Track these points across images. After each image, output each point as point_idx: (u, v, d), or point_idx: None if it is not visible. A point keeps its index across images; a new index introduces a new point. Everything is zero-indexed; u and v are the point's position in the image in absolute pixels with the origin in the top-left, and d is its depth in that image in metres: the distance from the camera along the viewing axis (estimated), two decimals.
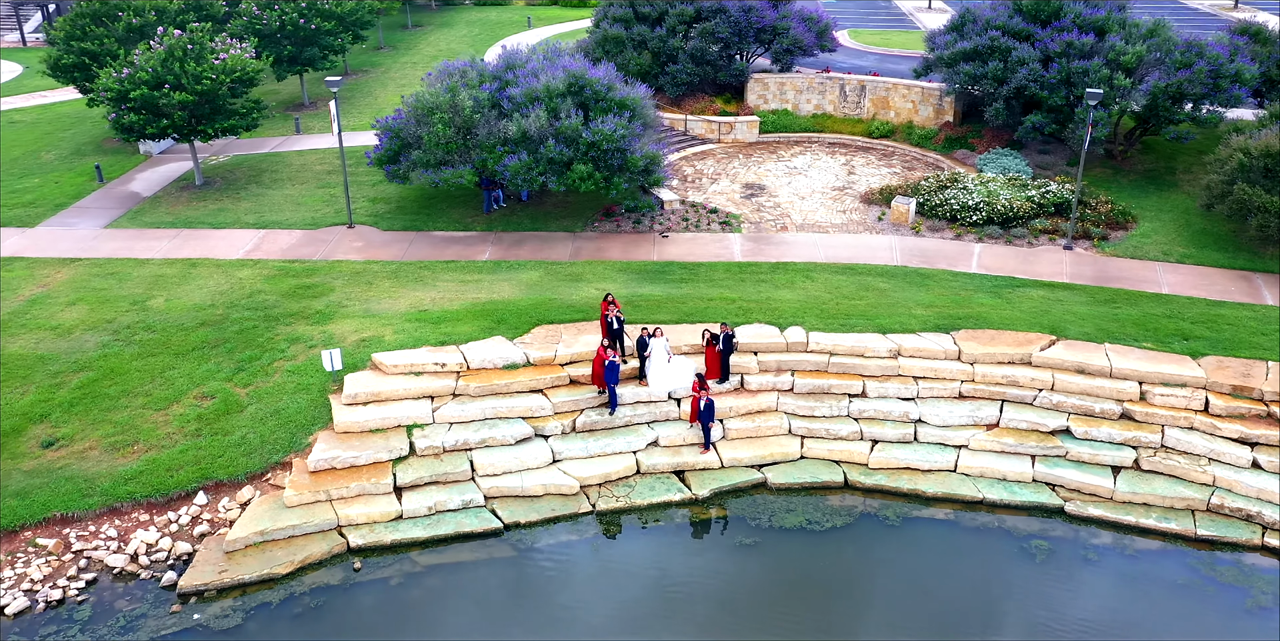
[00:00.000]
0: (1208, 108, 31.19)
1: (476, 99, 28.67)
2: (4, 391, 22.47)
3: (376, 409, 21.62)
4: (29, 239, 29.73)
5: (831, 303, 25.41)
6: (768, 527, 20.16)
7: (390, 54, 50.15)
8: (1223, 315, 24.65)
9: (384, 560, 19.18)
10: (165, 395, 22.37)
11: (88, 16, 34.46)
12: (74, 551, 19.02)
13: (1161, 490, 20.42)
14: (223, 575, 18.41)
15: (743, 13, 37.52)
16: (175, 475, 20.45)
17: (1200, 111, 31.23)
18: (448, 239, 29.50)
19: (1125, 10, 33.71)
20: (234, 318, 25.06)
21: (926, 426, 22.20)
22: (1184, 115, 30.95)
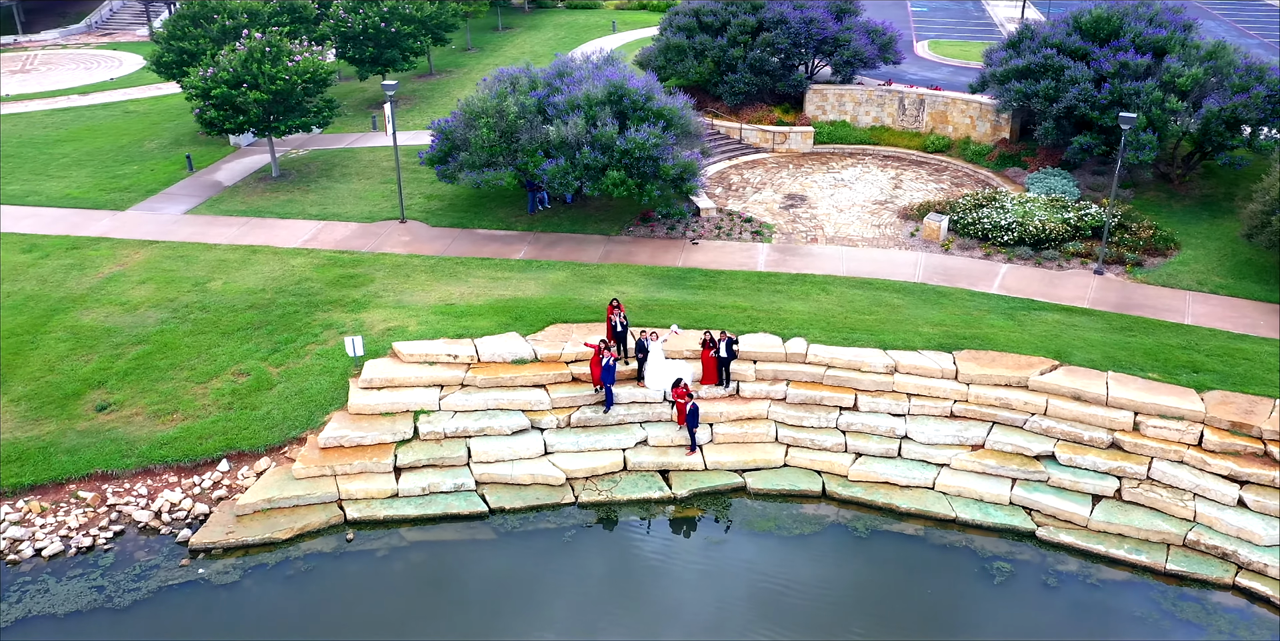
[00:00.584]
0: (1266, 133, 30.19)
1: (522, 105, 30.13)
2: (72, 359, 25.09)
3: (389, 394, 23.30)
4: (118, 221, 32.69)
5: (841, 316, 25.89)
6: (737, 530, 20.98)
7: (475, 55, 52.29)
8: (1242, 349, 24.08)
9: (375, 533, 20.81)
10: (207, 370, 24.59)
11: (187, 18, 37.48)
12: (108, 505, 21.28)
13: (1138, 522, 20.32)
14: (229, 536, 20.35)
15: (804, 24, 37.97)
16: (204, 443, 22.57)
17: (1258, 137, 30.25)
18: (489, 237, 31.10)
19: (1191, 30, 32.81)
20: (279, 302, 27.20)
21: (912, 443, 22.55)
22: (1239, 141, 30.03)
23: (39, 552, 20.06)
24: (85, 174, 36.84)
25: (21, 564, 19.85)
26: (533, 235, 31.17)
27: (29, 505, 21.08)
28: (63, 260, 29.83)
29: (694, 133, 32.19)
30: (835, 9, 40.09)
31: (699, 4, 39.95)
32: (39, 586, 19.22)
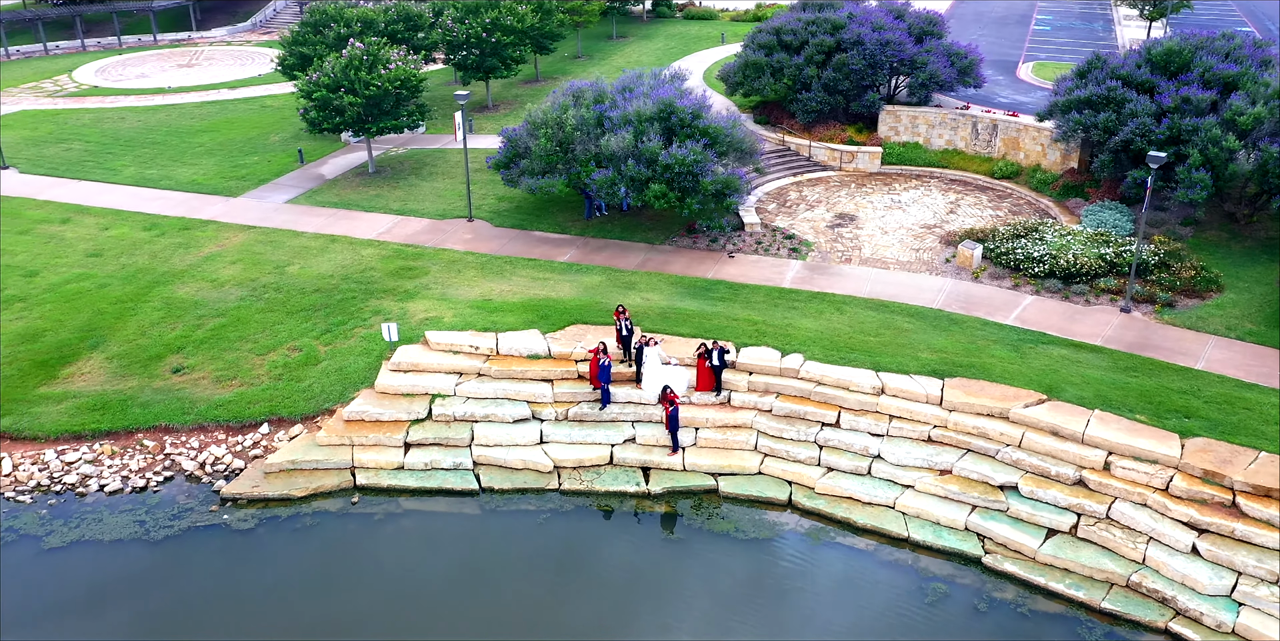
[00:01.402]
0: None
1: (581, 118, 32.28)
2: (161, 326, 28.92)
3: (413, 377, 25.92)
4: (228, 207, 36.82)
5: (846, 336, 26.84)
6: (696, 529, 22.49)
7: (584, 63, 54.88)
8: (1246, 398, 23.69)
9: (377, 499, 23.43)
10: (268, 344, 27.89)
11: (309, 25, 41.48)
12: (165, 453, 24.74)
13: (1085, 559, 20.65)
14: (254, 489, 23.40)
15: (880, 46, 38.55)
16: (252, 408, 25.79)
17: None
18: (542, 239, 33.43)
19: (1270, 66, 31.70)
20: (342, 288, 30.34)
21: (882, 463, 23.44)
22: None
23: (102, 488, 23.66)
24: (213, 162, 41.40)
25: (87, 496, 23.49)
26: (583, 240, 33.31)
27: (102, 448, 24.79)
28: (174, 239, 34.03)
29: (747, 150, 33.54)
30: (917, 31, 40.46)
31: (782, 22, 41.11)
32: (95, 516, 22.76)
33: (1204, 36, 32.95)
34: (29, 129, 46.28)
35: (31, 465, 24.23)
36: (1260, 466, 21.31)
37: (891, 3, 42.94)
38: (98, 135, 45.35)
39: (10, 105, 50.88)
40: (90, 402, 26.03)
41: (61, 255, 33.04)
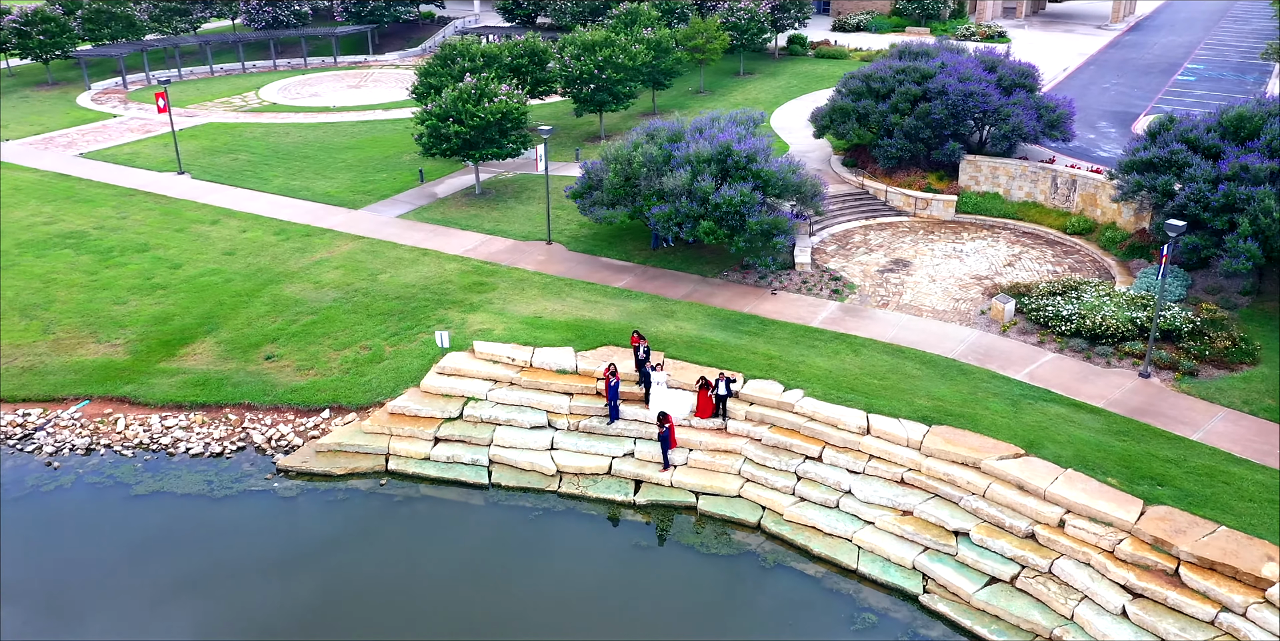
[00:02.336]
0: None
1: (650, 155, 35.02)
2: (265, 319, 33.67)
3: (454, 380, 29.33)
4: (348, 217, 41.74)
5: (851, 377, 28.29)
6: (667, 540, 24.66)
7: (703, 98, 57.61)
8: (1230, 472, 23.65)
9: (401, 484, 26.88)
10: (345, 341, 32.07)
11: (440, 58, 46.21)
12: (243, 427, 29.15)
13: (1016, 609, 21.49)
14: (303, 464, 27.35)
15: (963, 97, 39.35)
16: (320, 395, 29.91)
17: None
18: (606, 265, 36.33)
19: None
20: (419, 297, 34.27)
21: (851, 498, 24.86)
22: None
23: (187, 451, 28.25)
24: (348, 177, 46.75)
25: (175, 456, 28.12)
26: (642, 268, 35.98)
27: (195, 417, 29.48)
28: (295, 244, 39.11)
29: (807, 193, 35.36)
30: (1008, 83, 40.91)
31: (874, 70, 42.47)
32: (176, 473, 27.31)
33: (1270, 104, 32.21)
34: (209, 139, 53.41)
35: (139, 426, 29.17)
36: (1213, 540, 21.48)
37: (991, 53, 43.49)
38: (262, 147, 51.87)
39: (202, 117, 58.62)
40: (195, 379, 30.90)
41: (203, 252, 38.69)
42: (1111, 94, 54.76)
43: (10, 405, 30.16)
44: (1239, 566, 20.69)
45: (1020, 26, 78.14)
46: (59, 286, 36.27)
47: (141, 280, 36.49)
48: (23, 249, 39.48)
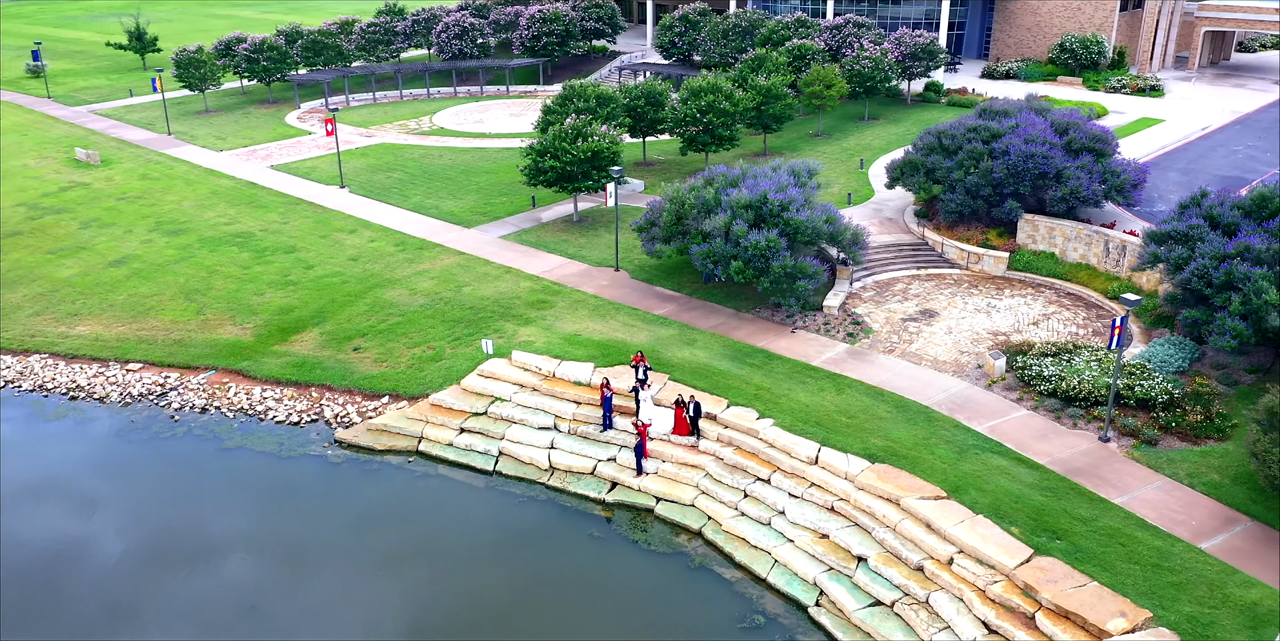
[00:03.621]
0: None
1: (701, 198, 38.97)
2: (362, 317, 40.21)
3: (488, 382, 34.52)
4: (459, 235, 48.08)
5: (824, 413, 31.17)
6: (614, 533, 28.67)
7: (818, 141, 60.53)
8: (1132, 536, 25.02)
9: (423, 462, 32.30)
10: (416, 341, 38.03)
11: (561, 97, 51.97)
12: (320, 403, 35.56)
13: (885, 629, 24.03)
14: (355, 438, 33.30)
15: (1024, 158, 40.76)
16: (384, 384, 35.92)
17: None
18: (657, 293, 40.53)
19: None
20: (488, 309, 39.80)
21: (782, 518, 27.92)
22: None
23: (273, 418, 34.92)
24: (473, 199, 53.34)
25: (264, 422, 34.84)
26: (686, 299, 39.94)
27: (286, 392, 36.20)
28: (408, 255, 45.78)
29: (844, 241, 38.19)
30: (1078, 146, 41.82)
31: (947, 127, 44.40)
32: (258, 434, 33.98)
33: None
34: (376, 158, 61.81)
35: (244, 395, 36.21)
36: (1078, 592, 23.20)
37: (1073, 116, 44.31)
38: (415, 168, 59.58)
39: (379, 137, 67.47)
40: (295, 361, 37.75)
41: (334, 256, 46.07)
42: (1238, 158, 53.29)
43: (158, 368, 38.10)
44: (1089, 617, 22.40)
45: (1186, 79, 75.50)
46: (218, 277, 44.55)
47: (280, 277, 44.17)
48: (202, 244, 48.37)
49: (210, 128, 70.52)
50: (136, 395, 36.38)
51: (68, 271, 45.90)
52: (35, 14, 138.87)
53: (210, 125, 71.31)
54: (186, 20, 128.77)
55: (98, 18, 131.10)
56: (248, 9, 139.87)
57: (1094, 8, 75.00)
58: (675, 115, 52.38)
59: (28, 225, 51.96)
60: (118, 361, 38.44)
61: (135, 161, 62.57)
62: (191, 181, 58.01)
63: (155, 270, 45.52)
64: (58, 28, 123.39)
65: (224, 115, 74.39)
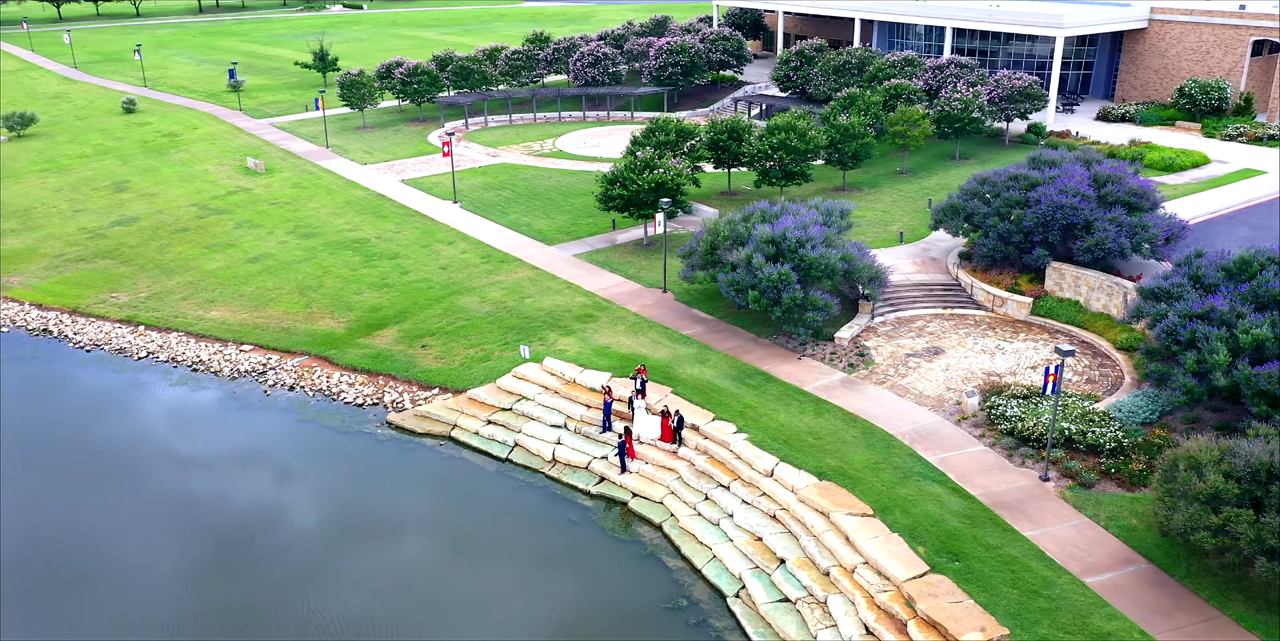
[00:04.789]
0: None
1: (736, 231, 42.83)
2: (434, 318, 46.34)
3: (518, 383, 39.72)
4: (538, 251, 53.65)
5: (794, 432, 34.52)
6: (591, 521, 33.07)
7: (900, 179, 62.72)
8: (1026, 565, 27.34)
9: (451, 447, 37.80)
10: (473, 343, 43.75)
11: (649, 129, 56.76)
12: (383, 390, 41.76)
13: (782, 622, 27.48)
14: (401, 422, 39.24)
15: (1053, 208, 42.38)
16: (437, 378, 41.79)
17: None
18: (691, 315, 44.64)
19: None
20: (540, 319, 45.07)
21: (730, 520, 31.59)
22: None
23: (343, 399, 41.37)
24: (564, 219, 58.92)
25: (336, 401, 41.36)
26: (715, 322, 43.85)
27: (358, 378, 42.66)
28: (489, 267, 51.75)
29: (860, 278, 41.18)
30: (1113, 199, 42.94)
31: (989, 175, 46.31)
32: (328, 412, 40.47)
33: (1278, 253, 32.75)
34: (492, 177, 68.63)
35: (325, 378, 42.95)
36: (953, 607, 25.89)
37: (1117, 169, 45.25)
38: (524, 187, 65.90)
39: (503, 158, 74.44)
40: (372, 353, 44.25)
41: (428, 264, 52.65)
42: None
43: (264, 351, 45.50)
44: (950, 629, 25.11)
45: None
46: (330, 276, 51.97)
47: (378, 279, 51.11)
48: (325, 247, 56.15)
49: (362, 142, 79.68)
50: (242, 371, 43.83)
51: (215, 264, 54.62)
52: (250, 32, 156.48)
53: (363, 140, 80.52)
54: (374, 40, 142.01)
55: (301, 36, 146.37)
56: (430, 31, 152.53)
57: (1223, 52, 73.24)
58: (751, 150, 56.27)
59: (195, 222, 61.55)
60: (235, 342, 46.20)
61: (292, 171, 72.04)
62: (332, 191, 66.58)
63: (282, 267, 53.53)
64: (265, 45, 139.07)
65: (378, 131, 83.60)
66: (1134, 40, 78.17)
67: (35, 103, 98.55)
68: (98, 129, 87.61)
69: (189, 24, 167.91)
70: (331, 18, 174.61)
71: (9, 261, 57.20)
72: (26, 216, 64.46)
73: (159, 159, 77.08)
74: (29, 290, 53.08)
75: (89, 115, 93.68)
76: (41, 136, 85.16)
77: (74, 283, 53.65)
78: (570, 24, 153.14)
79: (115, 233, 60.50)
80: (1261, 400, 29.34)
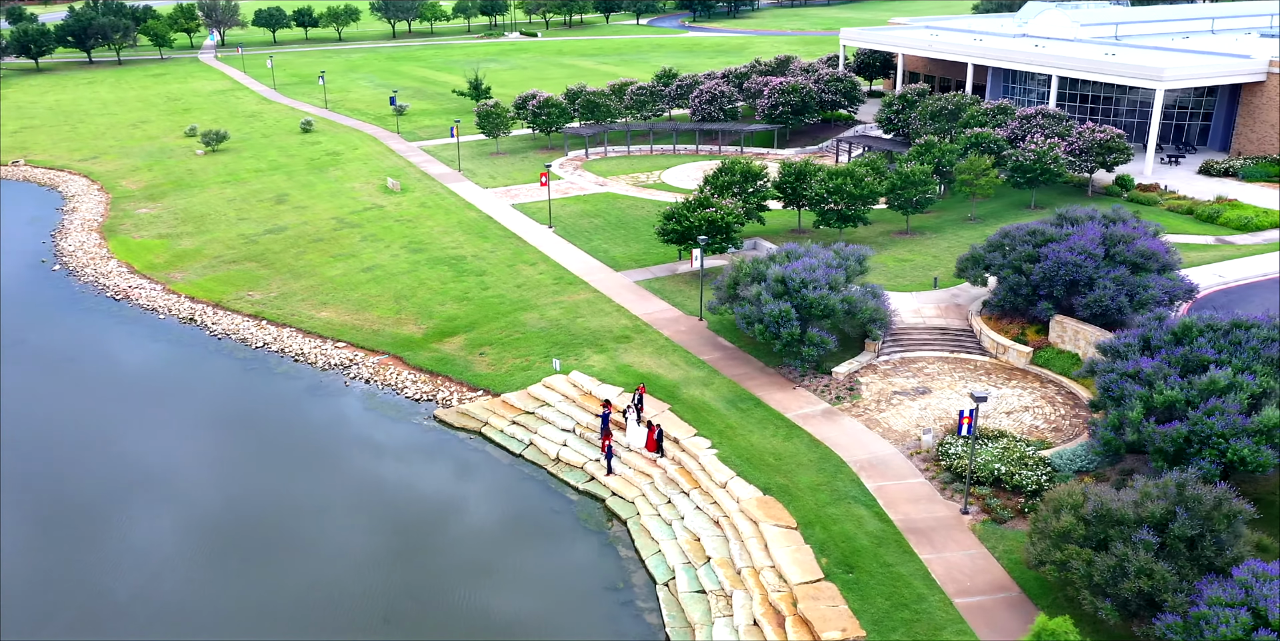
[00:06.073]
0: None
1: (756, 270, 47.42)
2: (496, 330, 53.15)
3: (543, 391, 45.85)
4: (605, 276, 59.65)
5: (760, 452, 38.91)
6: (570, 513, 38.61)
7: (964, 226, 64.93)
8: (910, 584, 30.93)
9: (477, 441, 44.28)
10: (521, 354, 50.24)
11: (720, 170, 61.89)
12: (438, 388, 48.82)
13: (691, 608, 32.27)
14: (444, 416, 46.13)
15: (1058, 265, 44.68)
16: (484, 381, 48.50)
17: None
18: (715, 342, 49.44)
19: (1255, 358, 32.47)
20: (582, 337, 51.05)
21: (681, 522, 36.42)
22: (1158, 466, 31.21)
23: (405, 394, 48.70)
24: (638, 247, 64.76)
25: (399, 396, 48.75)
26: (734, 350, 48.50)
27: (421, 377, 49.94)
28: (557, 288, 58.20)
29: (862, 319, 44.92)
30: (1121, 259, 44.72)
31: (1011, 229, 48.78)
32: (390, 404, 47.89)
33: (1221, 321, 34.36)
34: (591, 205, 75.37)
35: (394, 375, 50.51)
36: (827, 610, 29.94)
37: (1135, 230, 46.76)
38: (615, 216, 72.25)
39: (610, 187, 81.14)
40: (438, 356, 51.54)
41: (506, 282, 59.70)
42: None
43: (353, 348, 53.67)
44: (816, 627, 29.20)
45: None
46: (423, 288, 59.93)
47: (461, 293, 58.61)
48: (428, 262, 64.34)
49: (490, 167, 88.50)
50: (331, 365, 52.11)
51: (334, 271, 63.81)
52: (430, 57, 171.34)
53: (492, 165, 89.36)
54: (535, 68, 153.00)
55: (474, 63, 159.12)
56: (589, 60, 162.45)
57: None
58: (812, 192, 60.43)
59: (329, 234, 71.41)
60: (332, 339, 54.68)
61: (423, 191, 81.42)
62: (450, 211, 75.23)
63: (388, 277, 62.04)
64: (437, 71, 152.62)
65: (508, 157, 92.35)
66: (1252, 93, 76.67)
67: (233, 121, 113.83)
68: (276, 146, 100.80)
69: (380, 49, 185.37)
70: (505, 45, 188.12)
71: (180, 259, 68.63)
72: (201, 222, 76.46)
73: (318, 175, 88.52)
74: (187, 285, 63.89)
75: (273, 134, 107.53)
76: (230, 151, 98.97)
77: (222, 280, 64.09)
78: (722, 55, 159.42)
79: (265, 239, 71.17)
80: (1159, 456, 31.60)
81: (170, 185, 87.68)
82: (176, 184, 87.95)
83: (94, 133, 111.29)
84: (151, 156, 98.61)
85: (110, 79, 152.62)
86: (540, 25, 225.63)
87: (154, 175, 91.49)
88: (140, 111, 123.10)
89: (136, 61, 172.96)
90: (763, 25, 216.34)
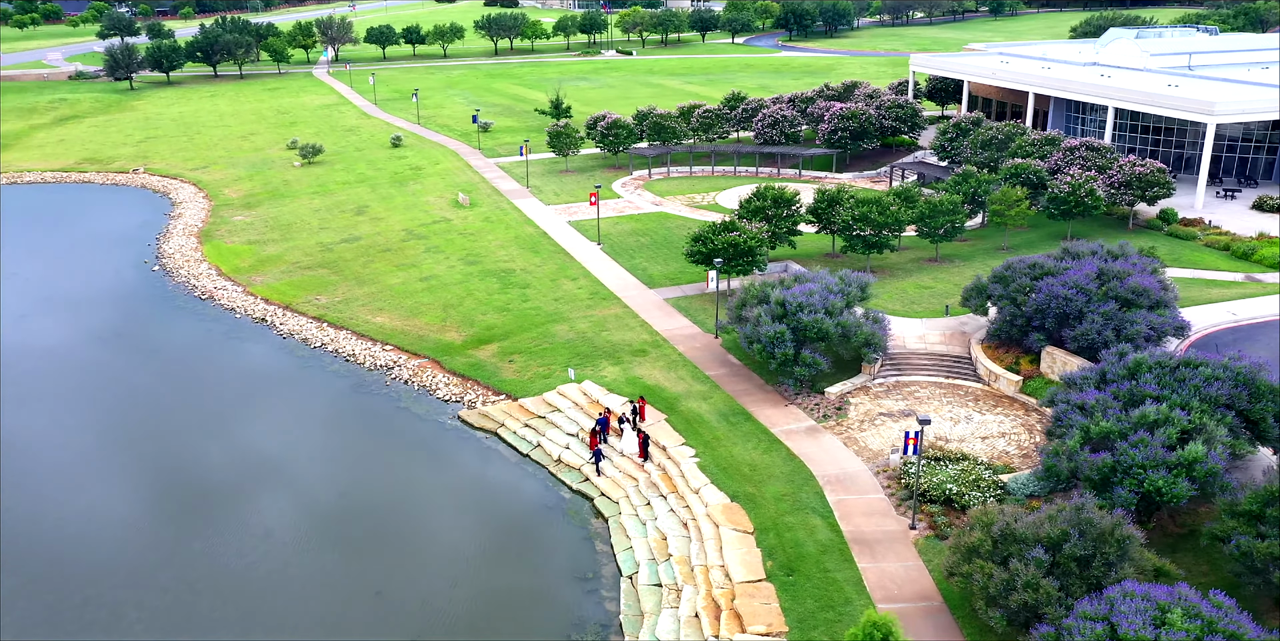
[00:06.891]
0: None
1: (762, 293, 50.42)
2: (526, 340, 57.42)
3: (556, 397, 49.84)
4: (639, 293, 63.35)
5: (737, 462, 41.97)
6: (560, 509, 42.36)
7: (995, 255, 66.15)
8: (842, 588, 33.63)
9: (492, 440, 48.54)
10: (545, 363, 54.37)
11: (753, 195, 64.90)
12: (467, 391, 53.31)
13: (645, 598, 35.55)
14: (467, 417, 50.56)
15: (1049, 298, 46.33)
16: (507, 386, 52.79)
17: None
18: (723, 359, 52.55)
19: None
20: (603, 349, 54.85)
21: (655, 522, 39.78)
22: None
23: (437, 395, 53.36)
24: (675, 266, 68.23)
25: (431, 396, 53.43)
26: (739, 367, 51.54)
27: (453, 380, 54.55)
28: (590, 302, 62.20)
29: (856, 343, 47.45)
30: (1114, 295, 46.06)
31: (1014, 261, 50.44)
32: (422, 403, 52.61)
33: (1171, 359, 35.75)
34: (641, 224, 79.22)
35: (431, 377, 55.28)
36: (758, 608, 32.97)
37: (1133, 267, 47.90)
38: (661, 236, 75.90)
39: (663, 207, 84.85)
40: (471, 362, 56.13)
41: (546, 295, 64.02)
42: None
43: (398, 351, 58.78)
44: (745, 621, 32.25)
45: None
46: (470, 298, 64.80)
47: (503, 304, 63.22)
48: (480, 274, 69.28)
49: (557, 184, 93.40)
50: (377, 366, 57.30)
51: (395, 280, 69.35)
52: (525, 74, 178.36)
53: (558, 182, 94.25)
54: (623, 87, 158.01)
55: (567, 80, 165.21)
56: (676, 79, 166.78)
57: None
58: (840, 219, 62.95)
59: (398, 245, 77.25)
60: (381, 343, 59.94)
61: (490, 206, 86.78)
62: (510, 226, 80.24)
63: (441, 287, 67.20)
64: (528, 88, 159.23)
65: (575, 175, 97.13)
66: None
67: (330, 135, 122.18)
68: (366, 160, 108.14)
69: (479, 66, 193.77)
70: (599, 63, 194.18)
71: (262, 264, 75.46)
72: (286, 230, 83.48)
73: (398, 188, 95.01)
74: (264, 288, 70.43)
75: (365, 148, 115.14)
76: (324, 164, 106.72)
77: (296, 285, 70.40)
78: (808, 76, 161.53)
79: (339, 248, 77.47)
80: (1089, 484, 33.46)
81: (266, 194, 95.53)
82: (272, 193, 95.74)
83: (208, 143, 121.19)
84: (254, 167, 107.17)
85: (230, 92, 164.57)
86: (637, 43, 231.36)
87: (253, 185, 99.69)
88: (251, 124, 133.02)
89: (257, 75, 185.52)
90: (858, 45, 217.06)
